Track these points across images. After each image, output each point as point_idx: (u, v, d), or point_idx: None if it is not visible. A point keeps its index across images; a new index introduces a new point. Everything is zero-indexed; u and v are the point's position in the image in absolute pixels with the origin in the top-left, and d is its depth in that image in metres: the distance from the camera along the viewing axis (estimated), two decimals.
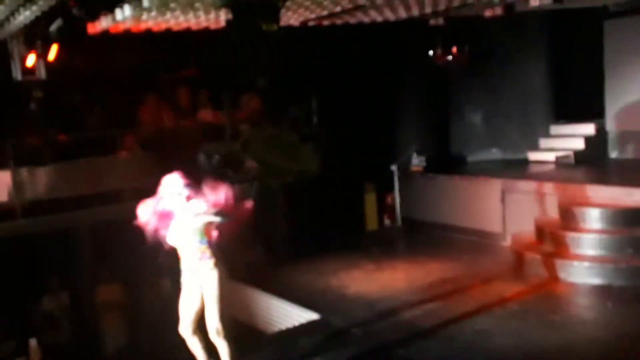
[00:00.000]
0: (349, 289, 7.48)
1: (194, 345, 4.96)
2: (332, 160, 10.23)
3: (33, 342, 5.80)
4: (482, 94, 11.38)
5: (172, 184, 4.79)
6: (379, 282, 7.67)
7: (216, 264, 4.75)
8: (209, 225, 4.72)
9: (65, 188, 8.93)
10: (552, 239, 7.78)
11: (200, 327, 4.86)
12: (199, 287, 4.76)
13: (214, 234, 4.77)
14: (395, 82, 11.41)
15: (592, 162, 9.86)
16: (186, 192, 4.76)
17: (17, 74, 7.69)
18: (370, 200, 12.10)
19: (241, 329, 5.13)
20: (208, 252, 4.73)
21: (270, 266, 8.74)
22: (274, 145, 9.39)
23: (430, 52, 10.49)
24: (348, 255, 8.82)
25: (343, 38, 10.36)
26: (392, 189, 10.70)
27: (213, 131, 10.06)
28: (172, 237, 4.81)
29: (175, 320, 4.98)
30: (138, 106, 10.10)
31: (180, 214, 4.75)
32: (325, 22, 9.06)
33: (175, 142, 9.51)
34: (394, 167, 10.55)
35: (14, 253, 8.32)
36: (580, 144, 10.28)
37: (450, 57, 10.41)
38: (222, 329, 4.73)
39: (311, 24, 9.00)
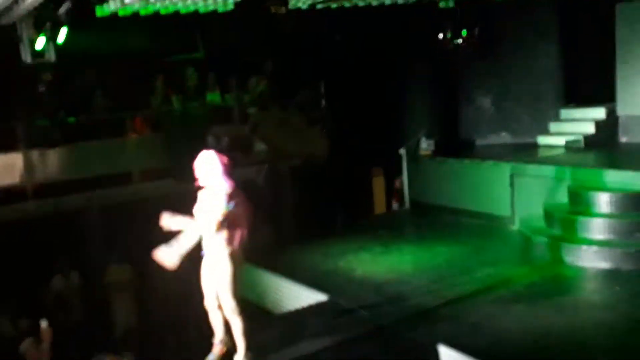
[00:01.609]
0: (356, 271, 7.50)
1: (215, 319, 5.03)
2: (341, 144, 10.25)
3: (44, 322, 5.87)
4: (491, 77, 11.30)
5: (208, 159, 4.76)
6: (386, 264, 7.68)
7: (230, 248, 4.76)
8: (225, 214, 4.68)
9: (75, 170, 9.01)
10: (561, 223, 7.76)
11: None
12: (215, 267, 4.80)
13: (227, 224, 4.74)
14: (404, 65, 11.36)
15: (602, 147, 9.78)
16: (219, 170, 4.73)
17: (27, 57, 7.73)
18: (379, 184, 12.12)
19: (251, 309, 5.16)
20: (223, 236, 4.73)
21: (279, 248, 8.79)
22: (283, 128, 9.41)
23: (440, 36, 10.42)
24: (356, 238, 8.84)
25: (352, 21, 10.32)
26: (400, 172, 10.70)
27: (222, 114, 10.09)
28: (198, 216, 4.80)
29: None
30: (147, 89, 10.13)
31: (208, 194, 4.75)
32: (334, 5, 9.01)
33: (183, 125, 9.54)
34: (402, 151, 10.53)
35: (25, 234, 8.42)
36: (590, 128, 10.20)
37: (460, 41, 10.34)
38: (237, 307, 4.78)
39: (319, 6, 8.97)
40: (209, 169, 4.73)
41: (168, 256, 4.59)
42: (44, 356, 5.80)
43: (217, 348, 5.12)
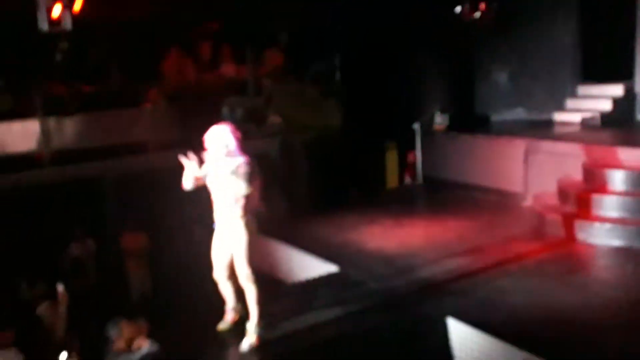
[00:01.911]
0: (367, 244, 7.54)
1: (226, 289, 5.11)
2: (355, 117, 10.22)
3: (60, 287, 5.99)
4: (508, 52, 11.16)
5: (220, 135, 4.76)
6: (398, 238, 7.71)
7: (246, 215, 4.80)
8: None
9: (91, 138, 9.09)
10: (575, 200, 7.73)
11: (232, 274, 4.98)
12: (230, 236, 4.84)
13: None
14: (420, 39, 11.24)
15: (619, 124, 9.68)
16: (232, 144, 4.74)
17: (44, 25, 7.76)
18: (392, 158, 12.10)
19: (262, 278, 5.24)
20: (240, 204, 4.77)
21: (292, 220, 8.85)
22: (297, 100, 9.39)
23: (457, 9, 10.28)
24: (368, 212, 8.87)
25: None
26: (414, 147, 10.67)
27: (236, 86, 10.07)
28: (196, 185, 4.87)
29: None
30: (162, 59, 10.13)
31: (221, 165, 4.77)
32: None
33: (198, 95, 9.55)
34: (416, 126, 10.49)
35: (41, 201, 8.55)
36: (607, 105, 10.09)
37: (477, 14, 10.20)
38: (251, 275, 4.83)
39: None
40: (223, 143, 4.73)
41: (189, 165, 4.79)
42: (61, 319, 5.93)
43: (229, 315, 5.22)
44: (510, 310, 5.57)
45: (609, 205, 7.39)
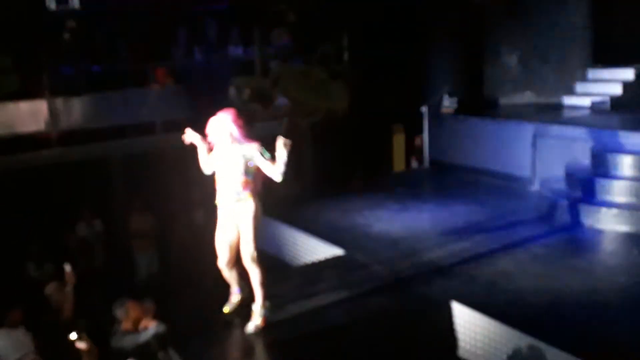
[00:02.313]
0: (373, 227, 7.53)
1: (230, 275, 5.13)
2: (362, 99, 10.14)
3: (67, 267, 6.03)
4: (518, 34, 11.02)
5: (223, 122, 4.79)
6: (404, 222, 7.70)
7: (253, 196, 4.84)
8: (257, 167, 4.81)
9: (99, 119, 9.09)
10: (582, 185, 7.69)
11: (237, 260, 4.99)
12: (236, 219, 4.86)
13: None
14: (429, 20, 11.13)
15: (629, 109, 9.59)
16: (236, 132, 4.78)
17: (51, 4, 7.73)
18: (399, 142, 12.05)
19: (268, 260, 5.25)
20: (247, 187, 4.81)
21: (298, 202, 8.85)
22: (304, 81, 9.32)
23: None
24: (374, 195, 8.86)
25: None
26: (421, 130, 10.62)
27: (243, 66, 10.02)
28: (214, 170, 4.91)
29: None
30: (169, 39, 10.09)
31: (227, 151, 4.80)
32: None
33: (205, 76, 9.52)
34: (424, 109, 10.42)
35: (49, 181, 8.58)
36: (617, 90, 9.99)
37: None
38: (257, 256, 4.85)
39: None
40: (226, 132, 4.77)
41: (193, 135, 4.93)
42: (68, 299, 5.98)
43: (234, 297, 5.25)
44: (515, 294, 5.57)
45: (617, 190, 7.35)
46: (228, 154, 4.81)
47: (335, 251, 6.78)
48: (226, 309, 5.22)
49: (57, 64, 9.10)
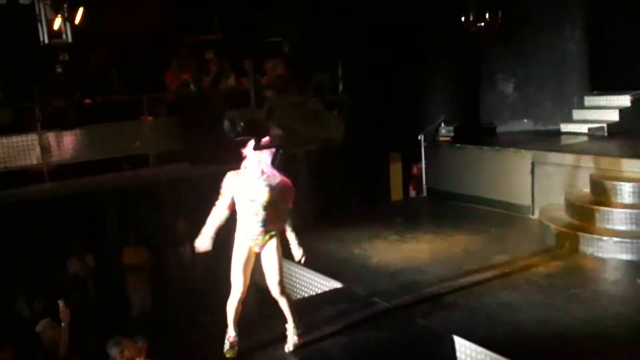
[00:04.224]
0: (372, 258, 7.45)
1: (237, 310, 4.99)
2: (358, 129, 10.08)
3: (61, 302, 5.89)
4: (514, 62, 11.09)
5: (252, 154, 4.87)
6: (402, 252, 7.62)
7: (277, 229, 4.91)
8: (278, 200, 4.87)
9: (91, 151, 9.02)
10: (582, 213, 7.62)
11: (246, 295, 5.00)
12: (263, 252, 4.91)
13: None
14: (424, 49, 11.17)
15: (626, 135, 9.57)
16: (265, 163, 4.84)
17: (44, 37, 7.73)
18: (396, 170, 11.99)
19: (264, 295, 5.14)
20: (273, 219, 4.86)
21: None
22: (299, 112, 9.27)
23: (462, 19, 10.21)
24: (372, 225, 8.76)
25: (371, 3, 10.15)
26: (418, 159, 10.57)
27: (238, 97, 9.98)
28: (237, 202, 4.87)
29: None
30: (163, 70, 10.08)
31: (252, 183, 4.82)
32: None
33: (199, 108, 9.49)
34: (421, 137, 10.39)
35: (41, 215, 8.46)
36: (614, 116, 9.99)
37: (482, 24, 10.13)
38: (284, 287, 5.03)
39: None
40: (255, 165, 4.84)
41: (200, 242, 4.87)
42: (63, 336, 5.81)
43: (232, 340, 5.05)
44: (517, 326, 5.47)
45: (617, 218, 7.28)
46: (254, 186, 4.81)
47: (333, 284, 6.65)
48: (229, 354, 5.05)
49: (50, 97, 9.06)
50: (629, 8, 9.87)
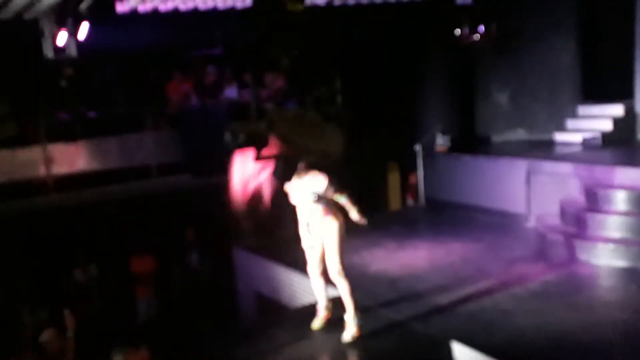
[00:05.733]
0: (370, 267, 7.51)
1: (317, 285, 5.49)
2: (356, 140, 10.25)
3: (67, 311, 5.97)
4: (508, 73, 11.22)
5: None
6: (401, 261, 7.68)
7: (333, 216, 5.31)
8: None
9: (94, 163, 9.13)
10: (577, 221, 7.72)
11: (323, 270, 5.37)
12: (319, 236, 5.30)
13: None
14: (420, 61, 11.32)
15: (620, 144, 9.69)
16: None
17: (49, 52, 7.85)
18: (394, 180, 12.10)
19: (265, 303, 5.24)
20: (327, 212, 5.31)
21: (294, 243, 8.80)
22: (299, 124, 9.44)
23: (457, 31, 10.36)
24: (370, 234, 8.83)
25: (368, 17, 10.29)
26: (415, 168, 10.68)
27: (238, 110, 10.13)
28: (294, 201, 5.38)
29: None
30: (165, 84, 10.22)
31: (301, 186, 5.31)
32: (351, 1, 9.02)
33: (201, 121, 9.62)
34: (417, 147, 10.52)
35: (46, 226, 8.56)
36: (608, 125, 10.11)
37: (477, 37, 10.28)
38: (342, 270, 5.26)
39: (336, 3, 8.98)
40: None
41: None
42: (68, 345, 5.88)
43: (322, 314, 5.28)
44: (515, 332, 5.53)
45: (612, 226, 7.37)
46: (303, 188, 5.26)
47: (332, 292, 6.72)
48: (315, 326, 5.32)
49: (54, 111, 9.19)
50: (621, 18, 10.03)
